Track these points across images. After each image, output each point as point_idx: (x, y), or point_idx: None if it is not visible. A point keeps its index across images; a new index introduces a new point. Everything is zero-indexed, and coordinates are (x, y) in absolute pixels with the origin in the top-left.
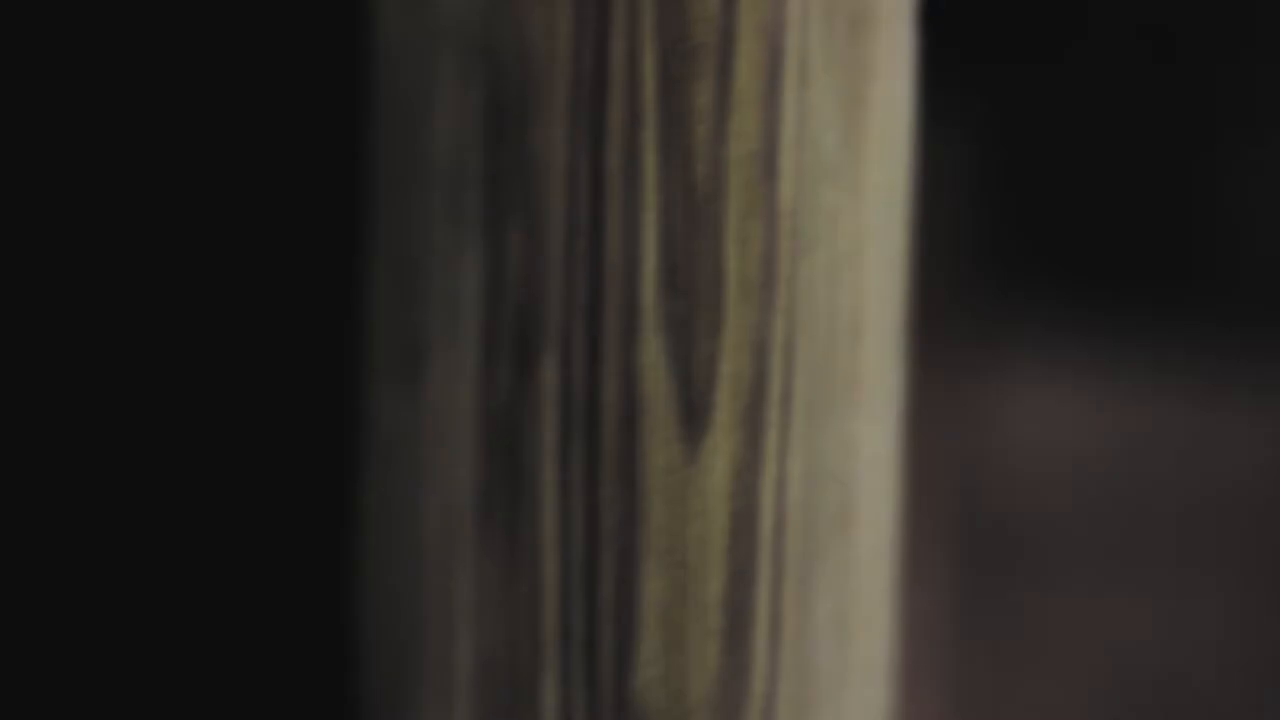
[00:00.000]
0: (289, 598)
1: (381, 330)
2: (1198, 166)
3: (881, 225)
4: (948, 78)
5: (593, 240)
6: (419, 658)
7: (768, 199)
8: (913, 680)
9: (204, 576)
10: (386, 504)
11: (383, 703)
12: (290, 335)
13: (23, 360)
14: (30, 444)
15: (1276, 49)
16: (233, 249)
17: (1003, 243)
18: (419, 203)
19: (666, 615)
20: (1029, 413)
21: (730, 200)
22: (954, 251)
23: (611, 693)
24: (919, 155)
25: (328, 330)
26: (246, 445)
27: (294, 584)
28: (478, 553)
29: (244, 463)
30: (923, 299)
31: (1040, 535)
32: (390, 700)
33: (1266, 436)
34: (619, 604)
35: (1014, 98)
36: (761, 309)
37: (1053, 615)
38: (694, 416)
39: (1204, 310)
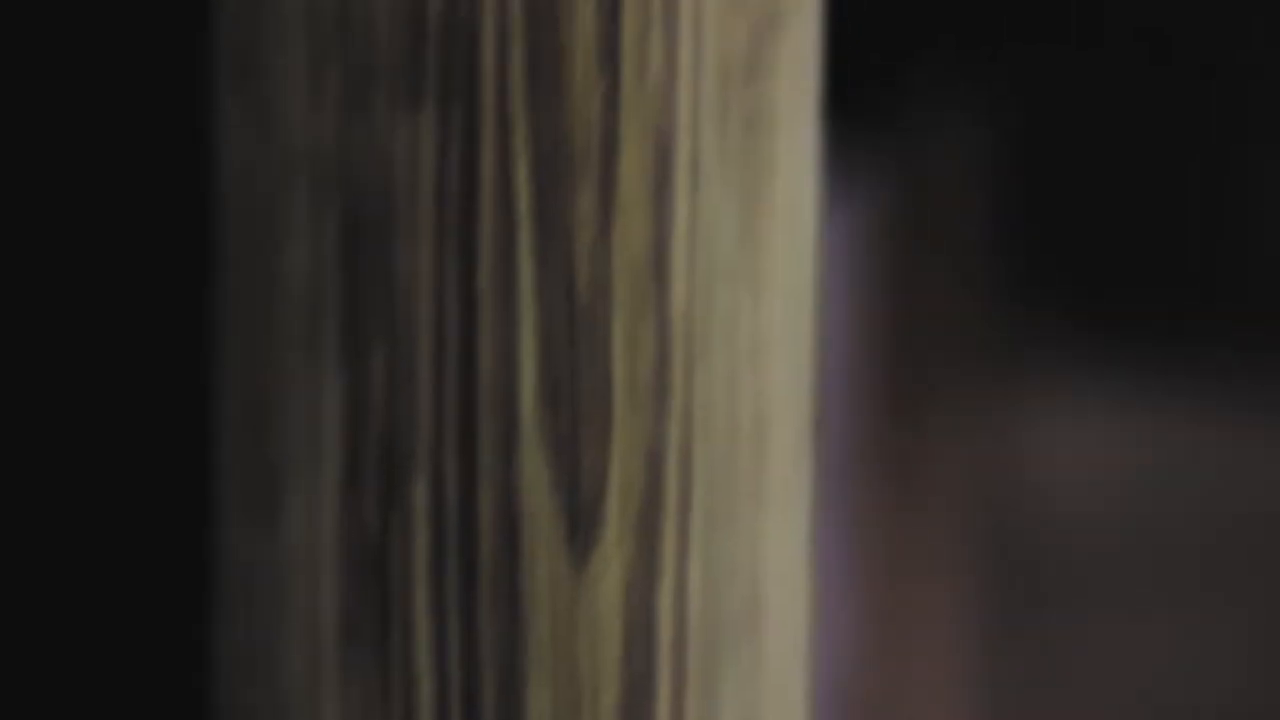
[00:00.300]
0: None
1: (235, 465)
2: (1221, 193)
3: (786, 323)
4: (955, 111)
5: (464, 358)
6: None
7: (659, 303)
8: (944, 712)
9: None
10: (246, 647)
11: None
12: (136, 473)
13: None
14: None
15: None
16: (75, 386)
17: (1025, 276)
18: (272, 333)
19: None
20: (1055, 444)
21: (617, 307)
22: (976, 285)
23: None
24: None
25: (176, 469)
26: (93, 599)
27: None
28: (344, 684)
29: (90, 619)
30: (946, 334)
31: (1069, 568)
32: None
33: None
34: None
35: (1030, 130)
36: (654, 416)
37: (1083, 647)
38: (581, 529)
39: (1229, 338)
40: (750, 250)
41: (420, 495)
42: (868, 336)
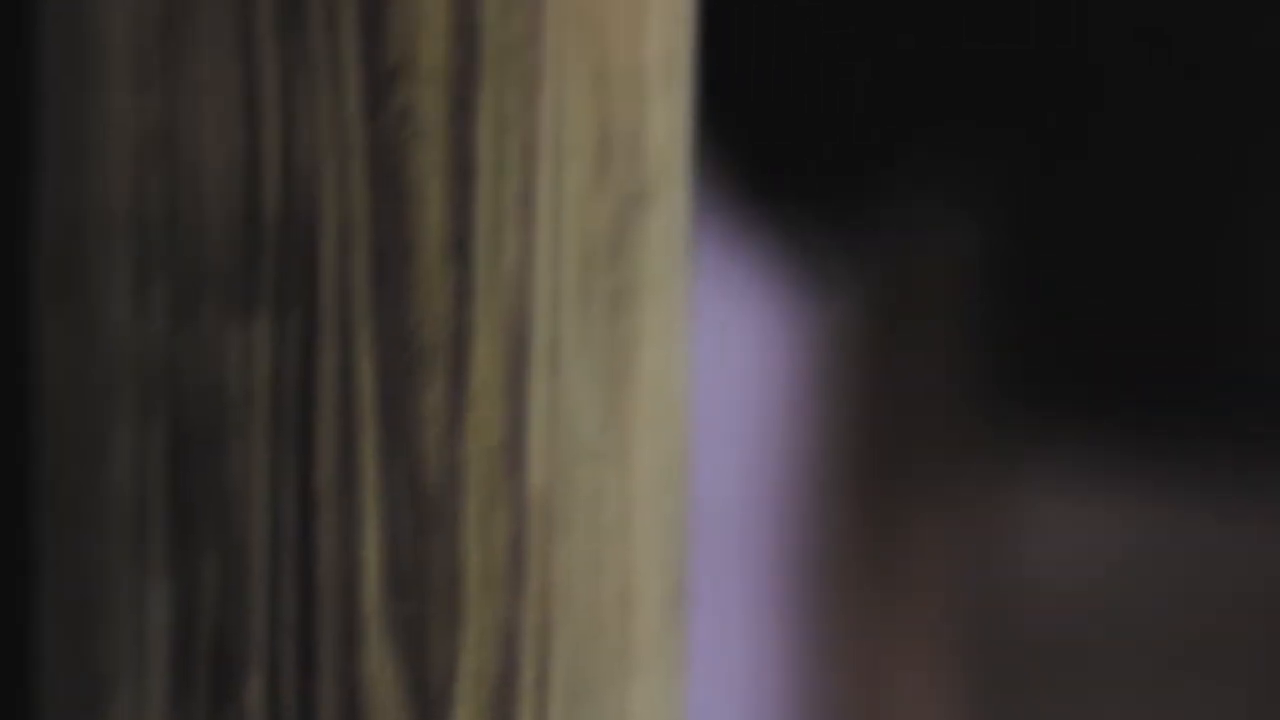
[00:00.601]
0: None
1: (58, 674)
2: (1205, 280)
3: (654, 496)
4: (953, 196)
5: (303, 556)
6: None
7: (515, 489)
8: None
9: None
10: None
11: None
12: None
13: None
14: None
15: None
16: None
17: (1020, 360)
18: (97, 540)
19: None
20: (1050, 530)
21: (469, 495)
22: (971, 370)
23: None
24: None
25: None
26: None
27: None
28: None
29: None
30: (942, 418)
31: (1064, 651)
32: None
33: None
34: None
35: (1010, 224)
36: (509, 599)
37: None
38: (430, 717)
39: (1224, 424)
40: (615, 428)
41: (254, 695)
42: (850, 427)
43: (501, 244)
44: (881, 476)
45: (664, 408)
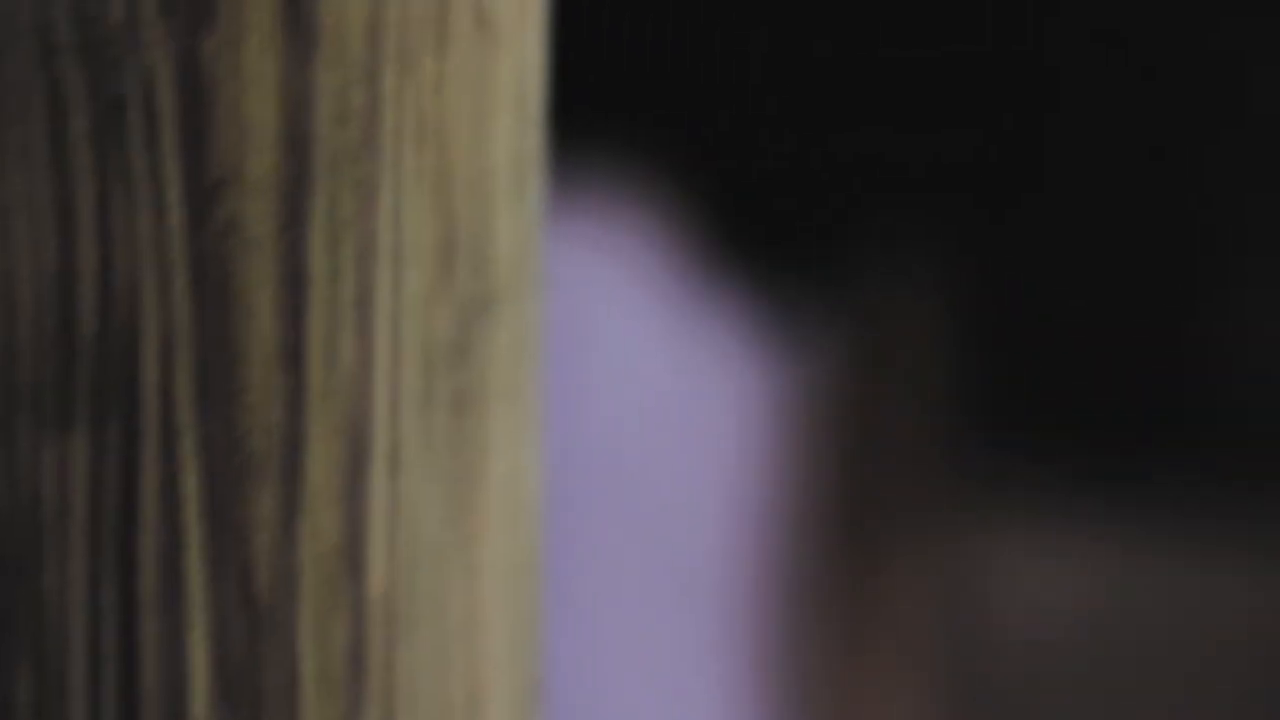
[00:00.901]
0: None
1: None
2: (1183, 330)
3: (503, 595)
4: (927, 245)
5: (125, 668)
6: None
7: (354, 591)
8: None
9: None
10: None
11: None
12: None
13: None
14: None
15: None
16: None
17: (992, 406)
18: None
19: None
20: (1022, 575)
21: (304, 601)
22: (943, 416)
23: None
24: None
25: None
26: None
27: None
28: None
29: None
30: (915, 467)
31: (1036, 699)
32: None
33: (1266, 599)
34: None
35: (997, 271)
36: (349, 702)
37: None
38: None
39: (1198, 472)
40: (461, 530)
41: None
42: (826, 476)
43: (337, 350)
44: (856, 525)
45: (513, 509)
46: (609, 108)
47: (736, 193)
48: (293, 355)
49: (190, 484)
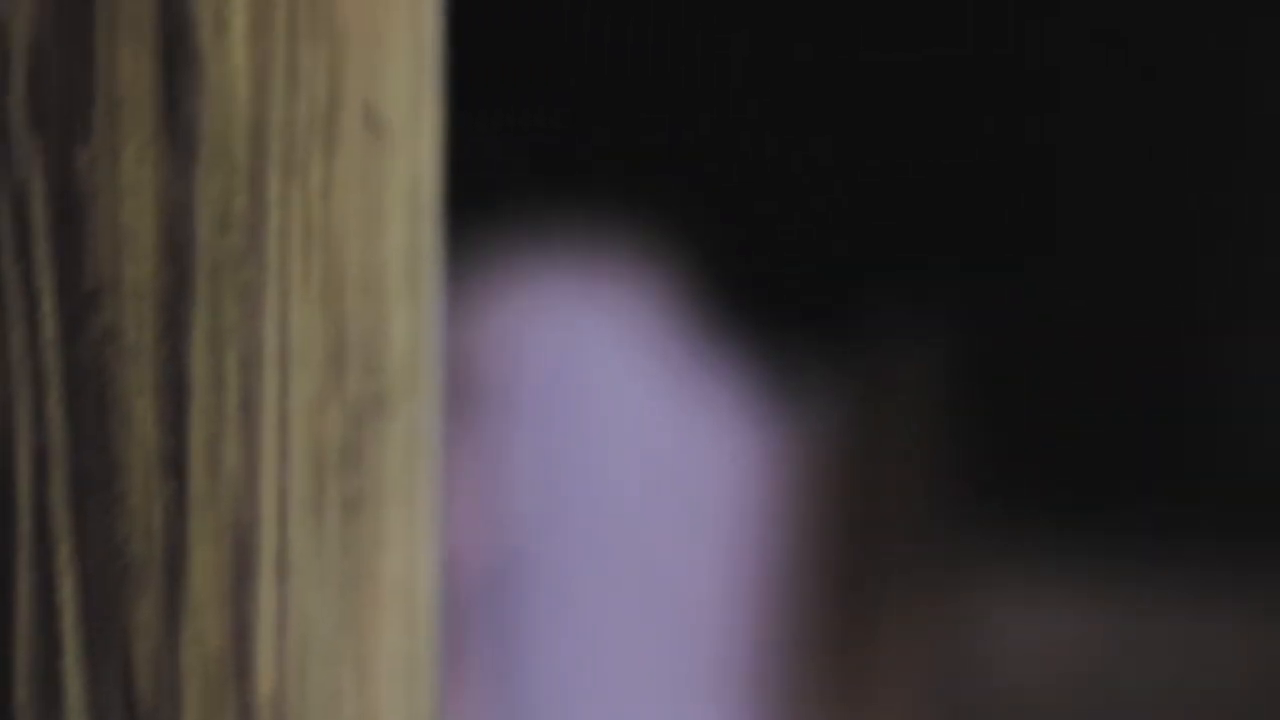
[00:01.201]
0: None
1: None
2: (1183, 378)
3: (396, 695)
4: (916, 294)
5: None
6: None
7: (241, 695)
8: None
9: None
10: None
11: None
12: None
13: None
14: None
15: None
16: None
17: (985, 458)
18: None
19: None
20: (1017, 631)
21: (188, 706)
22: (936, 468)
23: None
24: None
25: None
26: None
27: None
28: None
29: None
30: (908, 519)
31: None
32: None
33: (1261, 649)
34: None
35: (978, 342)
36: None
37: None
38: None
39: (1192, 523)
40: (354, 630)
41: None
42: (824, 532)
43: (220, 456)
44: (852, 581)
45: (407, 608)
46: (612, 169)
47: (736, 255)
48: (174, 462)
49: (66, 591)
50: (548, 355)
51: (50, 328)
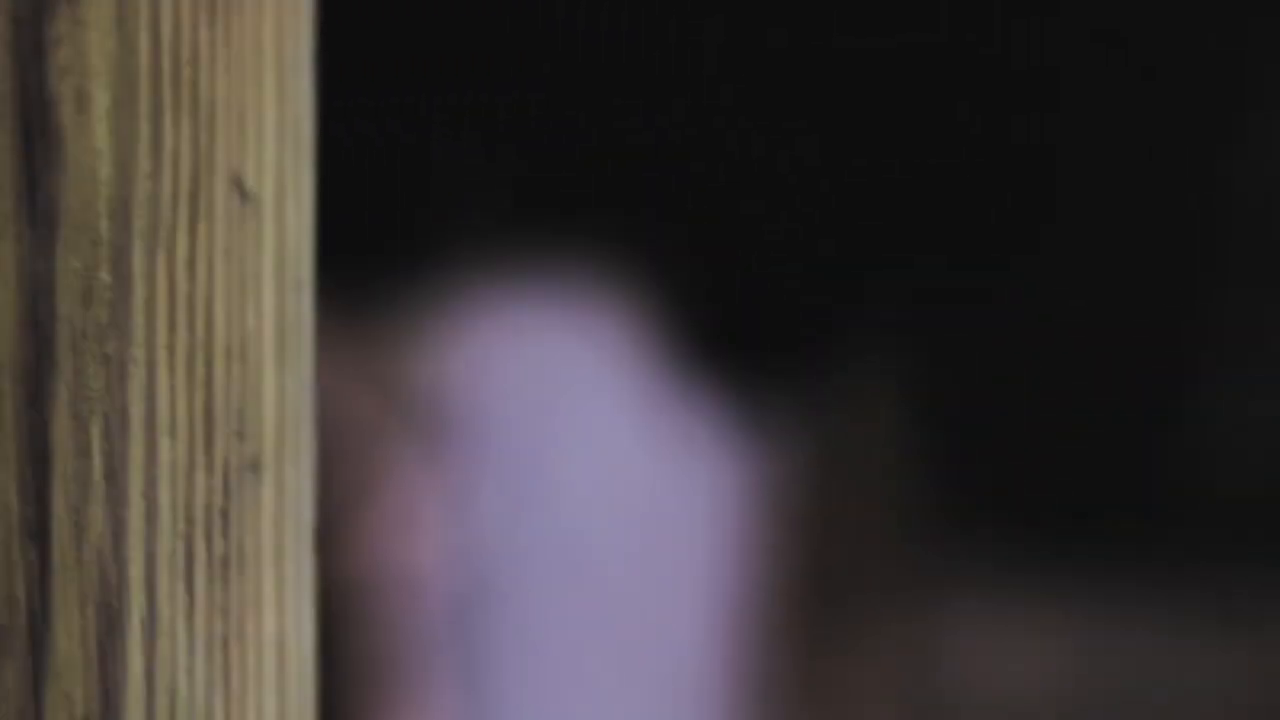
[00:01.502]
0: None
1: None
2: (1157, 397)
3: None
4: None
5: None
6: None
7: None
8: None
9: None
10: None
11: None
12: None
13: None
14: None
15: (1240, 268)
16: None
17: (951, 481)
18: None
19: None
20: (987, 656)
21: None
22: (901, 491)
23: None
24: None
25: None
26: None
27: None
28: None
29: None
30: (878, 549)
31: None
32: None
33: (1233, 673)
34: None
35: (957, 338)
36: None
37: None
38: None
39: (1164, 546)
40: (223, 692)
41: None
42: (795, 561)
43: (85, 523)
44: (822, 609)
45: (278, 669)
46: (591, 203)
47: (708, 286)
48: (37, 529)
49: None
50: (516, 385)
51: None
